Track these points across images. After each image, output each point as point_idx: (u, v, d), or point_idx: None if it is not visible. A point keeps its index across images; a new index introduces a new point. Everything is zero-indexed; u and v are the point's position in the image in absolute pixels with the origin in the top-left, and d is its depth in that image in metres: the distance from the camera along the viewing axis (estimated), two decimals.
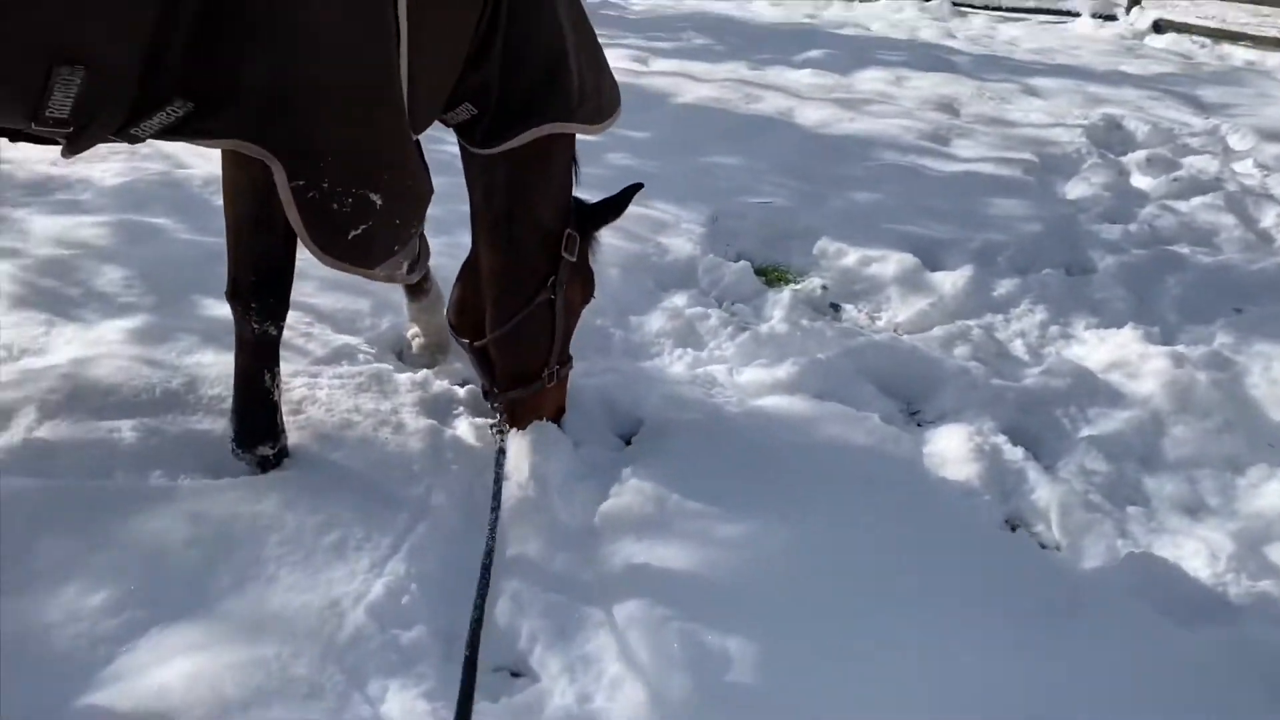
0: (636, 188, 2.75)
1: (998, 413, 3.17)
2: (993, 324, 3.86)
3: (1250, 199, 5.50)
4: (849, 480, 2.65)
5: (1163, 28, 11.97)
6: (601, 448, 2.83)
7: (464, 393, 2.93)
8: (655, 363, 3.34)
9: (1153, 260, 4.52)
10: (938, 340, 3.60)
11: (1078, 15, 12.88)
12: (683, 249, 4.19)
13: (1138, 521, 2.79)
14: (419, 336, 3.18)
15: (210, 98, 1.96)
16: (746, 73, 7.86)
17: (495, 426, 2.62)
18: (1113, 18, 12.59)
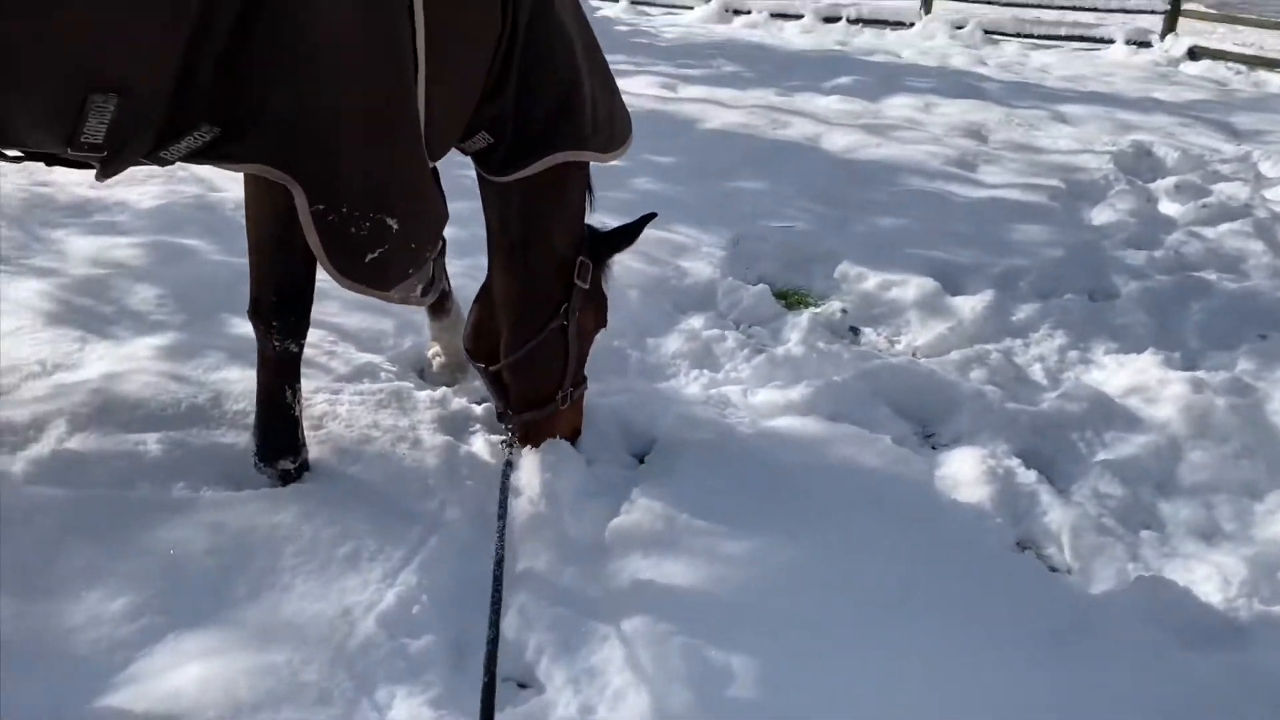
0: (650, 217, 2.80)
1: (1012, 436, 3.18)
2: (1011, 348, 3.87)
3: None
4: (857, 501, 2.67)
5: (1197, 54, 11.93)
6: (615, 466, 2.87)
7: (481, 410, 2.99)
8: (671, 383, 3.39)
9: (1177, 286, 4.50)
10: (954, 364, 3.61)
11: (1112, 42, 12.87)
12: (702, 272, 4.24)
13: (1150, 545, 2.78)
14: (440, 355, 3.25)
15: (236, 123, 2.04)
16: (774, 99, 7.93)
17: (505, 442, 2.66)
18: (1147, 45, 12.57)
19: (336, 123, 2.11)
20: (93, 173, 2.10)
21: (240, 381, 2.85)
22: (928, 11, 13.96)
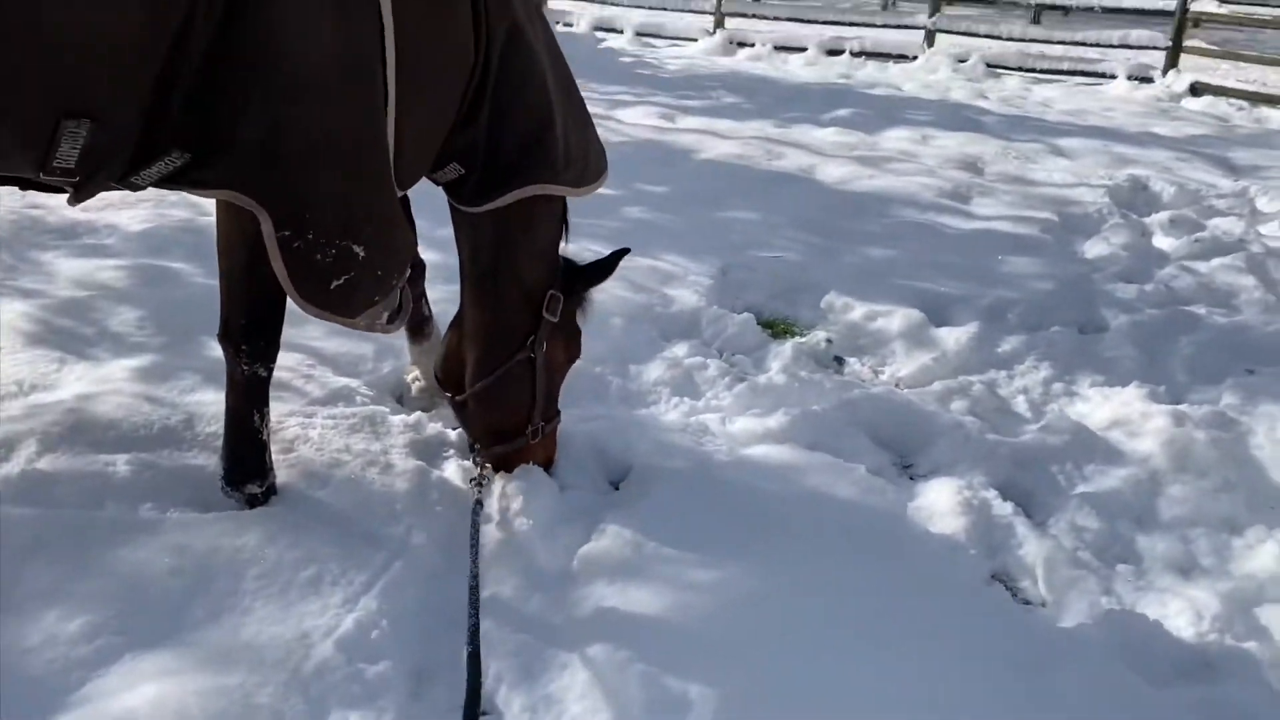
0: (624, 252, 2.80)
1: (991, 468, 3.16)
2: (995, 380, 3.86)
3: (1273, 260, 5.45)
4: (828, 530, 2.65)
5: (1199, 90, 11.97)
6: (590, 492, 2.86)
7: (456, 435, 2.99)
8: (650, 410, 3.38)
9: (1166, 320, 4.49)
10: (935, 395, 3.60)
11: (1114, 78, 12.92)
12: (688, 300, 4.25)
13: (1125, 579, 2.76)
14: (418, 380, 3.25)
15: (206, 149, 2.06)
16: (772, 130, 7.98)
17: (475, 480, 2.63)
18: (1149, 80, 12.61)
19: (305, 151, 2.13)
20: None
21: (214, 404, 2.85)
22: (931, 45, 14.06)
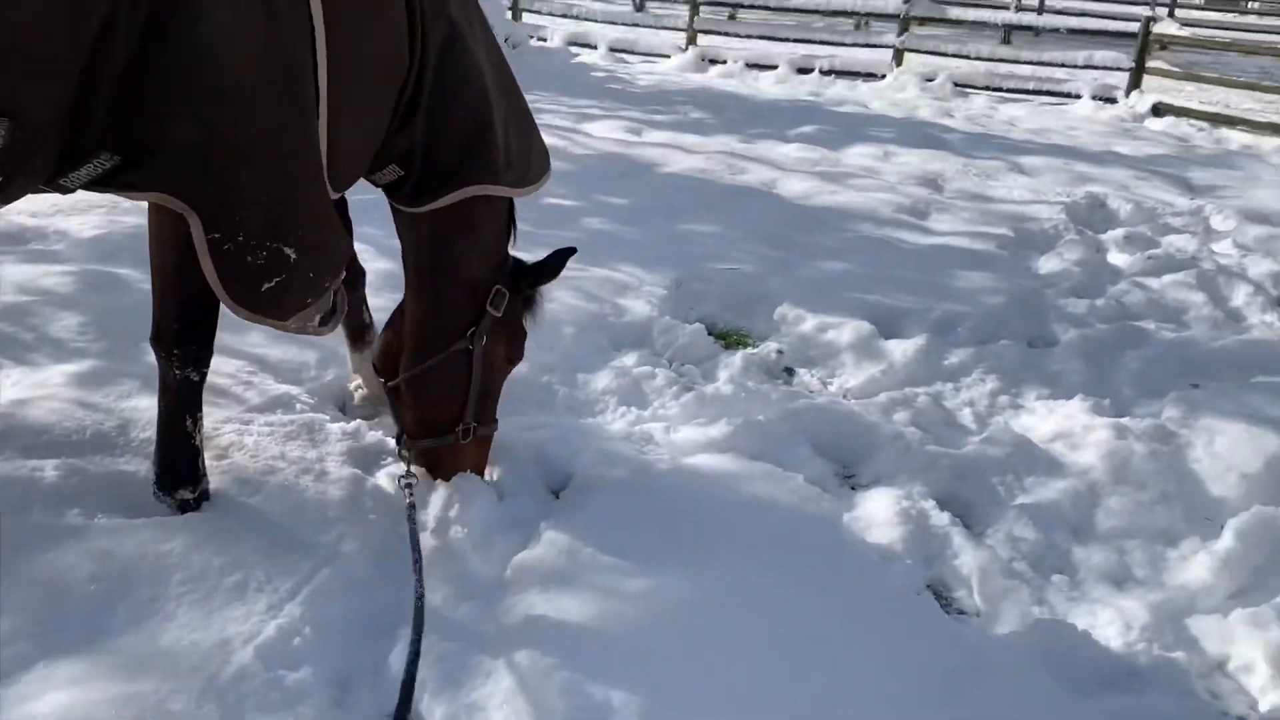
0: (569, 251, 2.80)
1: (931, 479, 3.18)
2: (941, 392, 3.89)
3: (1223, 278, 5.51)
4: (762, 539, 2.66)
5: (1161, 111, 12.13)
6: (530, 500, 2.85)
7: (395, 443, 2.97)
8: (596, 419, 3.38)
9: (1115, 335, 4.54)
10: (880, 406, 3.62)
11: (1079, 97, 13.09)
12: (640, 310, 4.26)
13: (1059, 590, 2.78)
14: (361, 388, 3.24)
15: (135, 152, 2.05)
16: (737, 145, 8.02)
17: (404, 479, 2.61)
18: (1113, 100, 12.78)
19: (234, 153, 2.12)
20: (35, 199, 2.10)
21: (150, 409, 2.82)
22: (899, 64, 14.19)
